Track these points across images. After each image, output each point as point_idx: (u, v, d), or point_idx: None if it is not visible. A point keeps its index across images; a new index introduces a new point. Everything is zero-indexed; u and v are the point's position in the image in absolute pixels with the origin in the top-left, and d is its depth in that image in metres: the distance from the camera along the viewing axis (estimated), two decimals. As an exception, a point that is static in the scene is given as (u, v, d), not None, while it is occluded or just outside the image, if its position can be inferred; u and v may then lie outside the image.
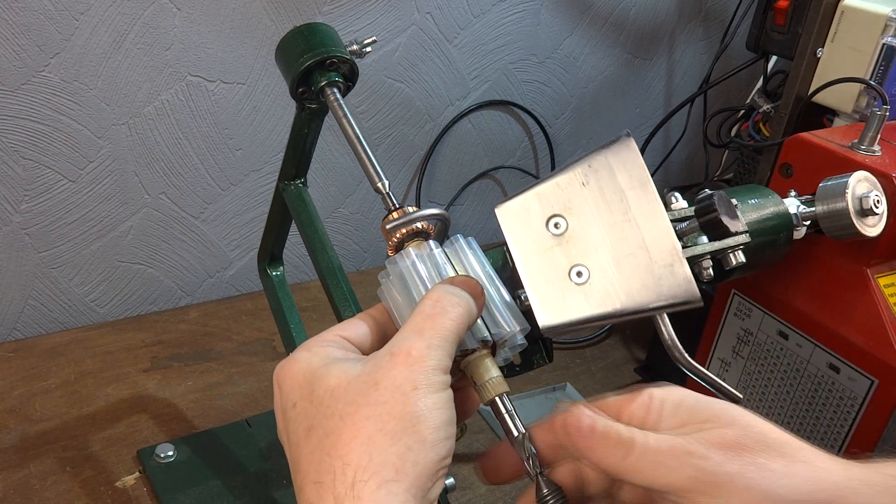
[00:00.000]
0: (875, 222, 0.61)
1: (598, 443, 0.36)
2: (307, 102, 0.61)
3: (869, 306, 0.64)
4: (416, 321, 0.37)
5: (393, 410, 0.34)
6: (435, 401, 0.34)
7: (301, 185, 0.67)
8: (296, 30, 0.59)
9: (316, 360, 0.37)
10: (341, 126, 0.55)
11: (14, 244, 0.89)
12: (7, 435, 0.74)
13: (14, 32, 0.80)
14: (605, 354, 1.00)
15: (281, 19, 0.94)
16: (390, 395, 0.34)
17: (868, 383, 0.64)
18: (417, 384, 0.34)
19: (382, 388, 0.34)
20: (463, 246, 0.43)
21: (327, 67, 0.58)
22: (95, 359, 0.87)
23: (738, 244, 0.46)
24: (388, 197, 0.48)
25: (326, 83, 0.57)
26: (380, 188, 0.49)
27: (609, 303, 0.36)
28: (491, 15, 1.09)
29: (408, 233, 0.44)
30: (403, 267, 0.42)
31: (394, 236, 0.44)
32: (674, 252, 0.35)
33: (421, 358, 0.35)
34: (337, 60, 0.58)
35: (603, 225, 0.36)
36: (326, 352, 0.37)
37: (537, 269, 0.37)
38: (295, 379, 0.36)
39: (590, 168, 0.36)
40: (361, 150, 0.52)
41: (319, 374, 0.36)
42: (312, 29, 0.59)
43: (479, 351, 0.39)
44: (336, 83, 0.58)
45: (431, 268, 0.41)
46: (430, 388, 0.35)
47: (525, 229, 0.37)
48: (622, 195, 0.36)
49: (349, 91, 0.61)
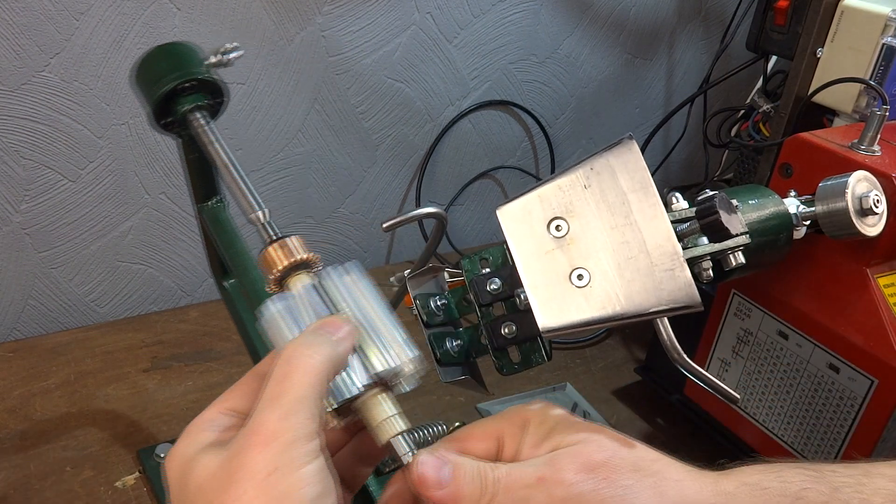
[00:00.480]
0: (875, 222, 0.61)
1: (457, 493, 0.35)
2: (177, 131, 0.56)
3: (869, 306, 0.64)
4: (269, 389, 0.34)
5: (255, 501, 0.31)
6: (300, 477, 0.32)
7: (217, 205, 0.62)
8: (145, 56, 0.54)
9: (189, 449, 0.34)
10: (207, 154, 0.50)
11: (14, 244, 0.89)
12: (7, 435, 0.74)
13: (14, 32, 0.80)
14: (605, 354, 1.00)
15: (281, 19, 0.94)
16: (250, 485, 0.31)
17: (868, 383, 0.64)
18: (277, 464, 0.31)
19: (240, 478, 0.31)
20: (335, 280, 0.40)
21: (187, 91, 0.53)
22: (95, 359, 0.87)
23: (739, 245, 0.46)
24: (266, 227, 0.45)
25: (188, 109, 0.53)
26: (256, 219, 0.45)
27: (609, 306, 0.36)
28: (491, 15, 1.09)
29: (290, 265, 0.41)
30: (272, 314, 0.39)
31: (272, 271, 0.41)
32: (675, 256, 0.35)
33: (276, 434, 0.32)
34: (196, 82, 0.53)
35: (604, 228, 0.36)
36: (200, 437, 0.35)
37: (538, 272, 0.37)
38: (172, 471, 0.34)
39: (591, 170, 0.36)
40: (235, 178, 0.48)
41: (189, 466, 0.33)
42: (162, 53, 0.54)
43: (367, 392, 0.37)
44: (201, 106, 0.53)
45: (304, 309, 0.39)
46: (291, 466, 0.32)
47: (526, 231, 0.37)
48: (624, 198, 0.36)
49: (221, 107, 0.56)
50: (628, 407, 0.91)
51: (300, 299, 0.39)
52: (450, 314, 0.46)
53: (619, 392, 0.93)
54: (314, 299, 0.39)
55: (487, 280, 0.42)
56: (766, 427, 0.75)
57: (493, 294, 0.42)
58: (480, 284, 0.42)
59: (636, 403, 0.91)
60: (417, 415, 0.84)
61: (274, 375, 0.34)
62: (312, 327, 0.37)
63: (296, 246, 0.42)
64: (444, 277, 0.47)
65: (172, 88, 0.52)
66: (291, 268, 0.41)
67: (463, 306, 0.46)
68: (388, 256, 1.21)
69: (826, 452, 0.69)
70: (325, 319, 0.38)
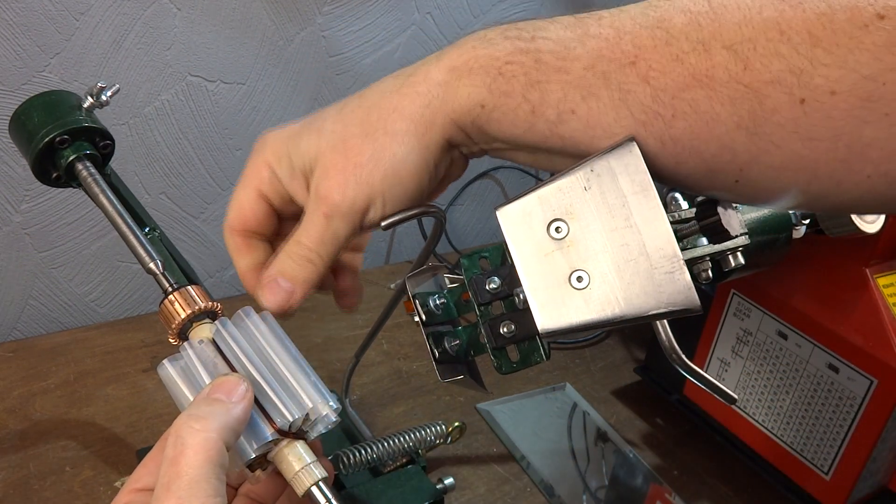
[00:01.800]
0: (874, 219, 0.61)
1: None
2: (74, 185, 0.53)
3: (868, 306, 0.64)
4: (163, 473, 0.33)
5: None
6: None
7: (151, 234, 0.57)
8: (14, 116, 0.52)
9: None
10: (98, 204, 0.49)
11: (14, 244, 0.89)
12: (7, 435, 0.74)
13: (14, 32, 0.80)
14: (605, 354, 1.00)
15: (281, 19, 0.94)
16: None
17: (867, 383, 0.64)
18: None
19: None
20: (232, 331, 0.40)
21: (66, 143, 0.51)
22: (95, 359, 0.87)
23: (738, 246, 0.46)
24: (162, 277, 0.44)
25: (72, 161, 0.51)
26: (151, 270, 0.45)
27: (609, 308, 0.36)
28: (491, 15, 1.09)
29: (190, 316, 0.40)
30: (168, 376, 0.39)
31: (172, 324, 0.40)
32: (674, 259, 0.35)
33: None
34: (70, 133, 0.50)
35: (604, 230, 0.36)
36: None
37: (537, 273, 0.37)
38: None
39: (592, 172, 0.36)
40: (126, 230, 0.47)
41: None
42: (32, 107, 0.51)
43: (277, 445, 0.37)
44: (85, 156, 0.51)
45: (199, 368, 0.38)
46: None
47: (526, 233, 0.37)
48: (624, 200, 0.36)
49: (110, 150, 0.54)
50: (628, 407, 0.91)
51: (195, 357, 0.39)
52: (448, 313, 0.46)
53: (619, 392, 0.93)
54: (208, 357, 0.39)
55: (486, 279, 0.42)
56: (765, 427, 0.75)
57: (491, 293, 0.42)
58: (479, 283, 0.42)
59: (636, 403, 0.91)
60: (417, 415, 0.84)
61: (166, 457, 0.34)
62: (203, 394, 0.37)
63: (195, 295, 0.42)
64: (443, 276, 0.47)
65: (49, 145, 0.49)
66: (192, 318, 0.41)
67: (462, 305, 0.46)
68: (387, 256, 1.21)
69: (826, 452, 0.70)
70: (218, 381, 0.37)
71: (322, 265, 0.42)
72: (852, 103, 0.31)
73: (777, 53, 0.32)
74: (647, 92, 0.34)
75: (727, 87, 0.33)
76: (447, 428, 0.72)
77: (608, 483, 0.80)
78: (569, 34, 0.36)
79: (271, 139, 0.43)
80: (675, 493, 0.78)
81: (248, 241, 0.45)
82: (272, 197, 0.44)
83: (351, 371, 0.76)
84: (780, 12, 0.32)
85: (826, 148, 0.32)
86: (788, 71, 0.32)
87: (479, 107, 0.37)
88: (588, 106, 0.35)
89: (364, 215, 0.41)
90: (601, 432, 0.86)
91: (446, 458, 0.79)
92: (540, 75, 0.36)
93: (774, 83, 0.32)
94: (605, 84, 0.35)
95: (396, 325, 0.99)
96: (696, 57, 0.33)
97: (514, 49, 0.37)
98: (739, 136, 0.34)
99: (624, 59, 0.35)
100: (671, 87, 0.34)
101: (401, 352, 0.94)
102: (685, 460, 0.83)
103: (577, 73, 0.35)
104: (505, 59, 0.37)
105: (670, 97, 0.34)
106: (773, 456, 0.75)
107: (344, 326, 0.97)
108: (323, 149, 0.40)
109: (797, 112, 0.32)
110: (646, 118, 0.35)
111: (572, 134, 0.36)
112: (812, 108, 0.32)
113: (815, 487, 0.72)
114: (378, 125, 0.39)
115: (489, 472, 0.78)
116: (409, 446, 0.69)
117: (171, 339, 0.41)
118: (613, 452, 0.84)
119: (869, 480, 0.70)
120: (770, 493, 0.78)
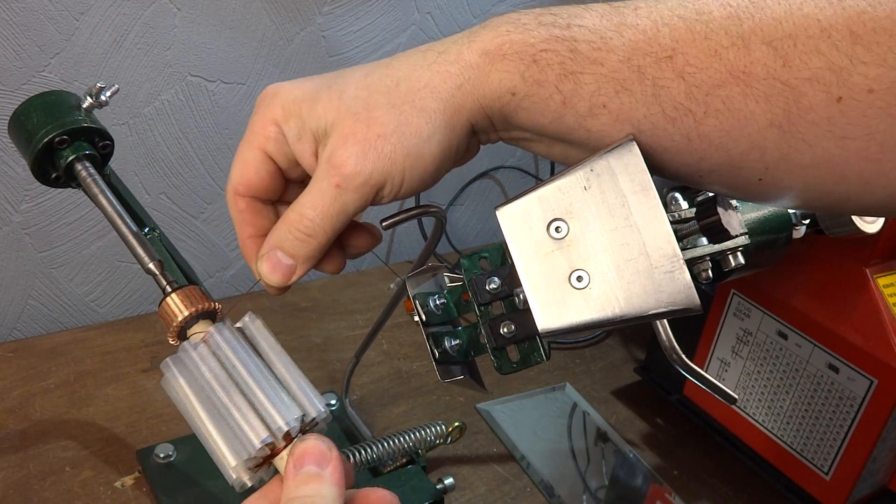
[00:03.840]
0: (874, 219, 0.61)
1: None
2: (73, 185, 0.53)
3: (868, 306, 0.64)
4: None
5: None
6: None
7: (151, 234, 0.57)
8: (13, 116, 0.52)
9: None
10: (98, 204, 0.49)
11: (14, 244, 0.89)
12: (6, 435, 0.74)
13: (14, 32, 0.80)
14: (605, 354, 1.00)
15: (281, 19, 0.94)
16: None
17: (867, 383, 0.64)
18: None
19: None
20: (228, 338, 0.40)
21: (65, 144, 0.50)
22: (95, 359, 0.87)
23: (738, 246, 0.46)
24: (162, 278, 0.44)
25: (71, 161, 0.50)
26: (150, 270, 0.44)
27: (609, 308, 0.36)
28: (490, 15, 1.09)
29: (191, 316, 0.41)
30: (170, 388, 0.39)
31: (172, 323, 0.40)
32: (674, 258, 0.35)
33: None
34: (69, 133, 0.50)
35: (604, 230, 0.36)
36: None
37: (537, 273, 0.37)
38: None
39: (591, 172, 0.36)
40: (125, 230, 0.47)
41: None
42: (31, 108, 0.51)
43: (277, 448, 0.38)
44: (84, 156, 0.51)
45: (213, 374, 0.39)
46: None
47: (526, 233, 0.37)
48: (624, 200, 0.36)
49: (110, 150, 0.54)
50: (628, 407, 0.91)
51: (201, 364, 0.39)
52: (448, 313, 0.46)
53: (619, 392, 0.93)
54: (210, 368, 0.39)
55: (486, 279, 0.42)
56: (765, 427, 0.75)
57: (491, 293, 0.42)
58: (479, 283, 0.42)
59: (636, 403, 0.91)
60: (417, 415, 0.84)
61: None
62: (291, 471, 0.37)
63: (196, 295, 0.42)
64: (443, 276, 0.47)
65: (48, 145, 0.49)
66: (192, 318, 0.41)
67: (462, 305, 0.46)
68: (387, 256, 1.21)
69: (826, 452, 0.70)
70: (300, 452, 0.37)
71: (326, 240, 0.40)
72: (889, 101, 0.31)
73: (817, 50, 0.31)
74: (681, 88, 0.34)
75: (764, 84, 0.33)
76: (447, 428, 0.72)
77: (608, 483, 0.80)
78: (605, 23, 0.35)
79: (283, 94, 0.40)
80: (675, 493, 0.78)
81: (252, 206, 0.42)
82: (278, 158, 0.41)
83: (351, 371, 0.76)
84: (821, 9, 0.32)
85: (858, 147, 0.32)
86: (827, 69, 0.31)
87: (510, 94, 0.36)
88: (620, 101, 0.35)
89: (378, 191, 0.38)
90: (601, 432, 0.86)
91: (446, 458, 0.79)
92: (575, 66, 0.35)
93: (812, 80, 0.32)
94: (640, 79, 0.34)
95: (396, 325, 0.99)
96: (734, 52, 0.33)
97: (549, 36, 0.36)
98: (771, 133, 0.33)
99: (661, 52, 0.34)
100: (706, 84, 0.33)
101: (401, 352, 0.94)
102: (685, 460, 0.83)
103: (612, 65, 0.35)
104: (540, 46, 0.36)
105: (704, 94, 0.33)
106: (773, 456, 0.75)
107: (344, 326, 0.97)
108: (343, 114, 0.37)
109: (833, 110, 0.32)
110: (676, 115, 0.34)
111: (600, 128, 0.36)
112: (848, 106, 0.31)
113: (815, 487, 0.72)
114: (407, 98, 0.37)
115: (489, 472, 0.78)
116: (409, 446, 0.69)
117: (171, 339, 0.41)
118: (613, 452, 0.84)
119: (869, 480, 0.70)
120: (770, 493, 0.78)
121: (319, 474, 0.36)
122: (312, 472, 0.37)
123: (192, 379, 0.39)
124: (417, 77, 0.37)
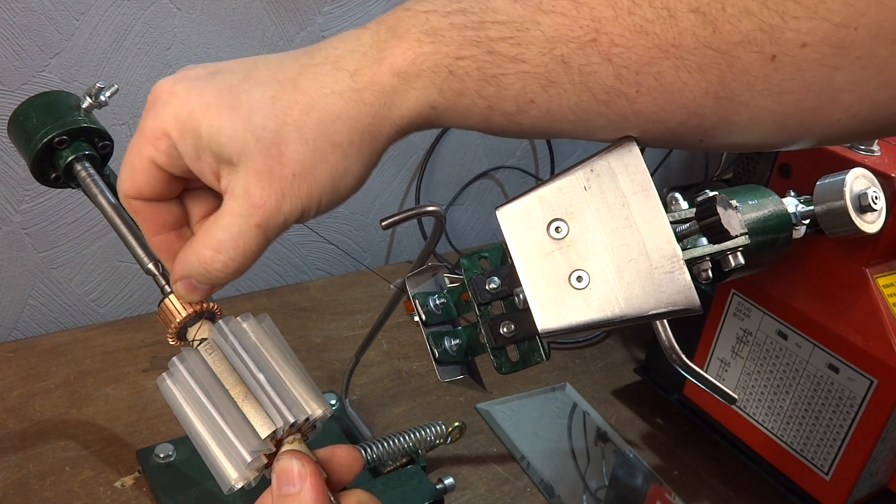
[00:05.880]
0: (874, 219, 0.61)
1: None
2: (72, 185, 0.53)
3: (868, 306, 0.64)
4: None
5: None
6: None
7: None
8: (13, 116, 0.52)
9: None
10: (97, 205, 0.49)
11: (14, 244, 0.89)
12: (6, 435, 0.74)
13: (14, 32, 0.80)
14: (605, 354, 1.00)
15: (281, 19, 0.94)
16: None
17: (867, 383, 0.64)
18: None
19: None
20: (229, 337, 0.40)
21: (64, 144, 0.50)
22: (95, 359, 0.87)
23: (738, 246, 0.46)
24: (161, 278, 0.44)
25: (70, 161, 0.50)
26: (150, 270, 0.44)
27: (609, 308, 0.36)
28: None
29: (190, 316, 0.41)
30: (168, 394, 0.39)
31: (171, 324, 0.41)
32: (674, 259, 0.35)
33: None
34: (68, 133, 0.50)
35: (604, 230, 0.36)
36: None
37: (537, 273, 0.37)
38: None
39: (592, 172, 0.37)
40: (125, 230, 0.47)
41: None
42: (31, 108, 0.51)
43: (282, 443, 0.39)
44: (84, 156, 0.51)
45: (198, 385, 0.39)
46: None
47: (526, 233, 0.37)
48: (624, 200, 0.36)
49: (110, 150, 0.54)
50: (628, 407, 0.91)
51: (189, 376, 0.39)
52: (448, 313, 0.46)
53: (619, 392, 0.93)
54: (204, 373, 0.39)
55: (486, 279, 0.42)
56: (765, 427, 0.75)
57: (491, 293, 0.42)
58: (479, 283, 0.42)
59: (636, 403, 0.91)
60: (417, 415, 0.84)
61: None
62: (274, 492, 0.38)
63: None
64: (443, 276, 0.47)
65: (47, 145, 0.49)
66: (191, 318, 0.41)
67: (462, 305, 0.46)
68: (387, 256, 1.21)
69: (826, 452, 0.70)
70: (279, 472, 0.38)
71: (246, 268, 0.38)
72: (824, 52, 0.30)
73: (747, 11, 0.31)
74: (609, 71, 0.33)
75: (695, 55, 0.32)
76: (447, 428, 0.72)
77: (608, 483, 0.80)
78: (520, 10, 0.33)
79: (177, 104, 0.36)
80: (675, 493, 0.78)
81: (149, 206, 0.40)
82: (171, 170, 0.38)
83: (351, 371, 0.76)
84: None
85: (796, 100, 0.32)
86: (759, 29, 0.31)
87: (430, 108, 0.35)
88: (548, 94, 0.34)
89: (297, 221, 0.37)
90: (601, 432, 0.86)
91: (446, 458, 0.79)
92: (495, 68, 0.33)
93: (745, 43, 0.31)
94: (565, 69, 0.33)
95: (396, 325, 0.99)
96: (661, 25, 0.32)
97: (462, 40, 0.34)
98: (707, 101, 0.33)
99: (584, 36, 0.32)
100: (635, 63, 0.32)
101: (401, 352, 0.94)
102: (685, 460, 0.83)
103: (534, 60, 0.33)
104: (455, 54, 0.34)
105: (634, 73, 0.32)
106: (773, 456, 0.75)
107: (344, 326, 0.97)
108: (252, 147, 0.35)
109: (768, 69, 0.31)
110: (608, 98, 0.33)
111: (532, 122, 0.35)
112: (783, 63, 0.31)
113: (815, 487, 0.72)
114: (319, 132, 0.35)
115: (489, 472, 0.78)
116: (408, 446, 0.69)
117: (171, 339, 0.41)
118: (613, 452, 0.84)
119: (869, 480, 0.70)
120: (770, 493, 0.78)
121: (297, 493, 0.37)
122: (291, 492, 0.38)
123: (187, 391, 0.40)
124: (330, 106, 0.35)
